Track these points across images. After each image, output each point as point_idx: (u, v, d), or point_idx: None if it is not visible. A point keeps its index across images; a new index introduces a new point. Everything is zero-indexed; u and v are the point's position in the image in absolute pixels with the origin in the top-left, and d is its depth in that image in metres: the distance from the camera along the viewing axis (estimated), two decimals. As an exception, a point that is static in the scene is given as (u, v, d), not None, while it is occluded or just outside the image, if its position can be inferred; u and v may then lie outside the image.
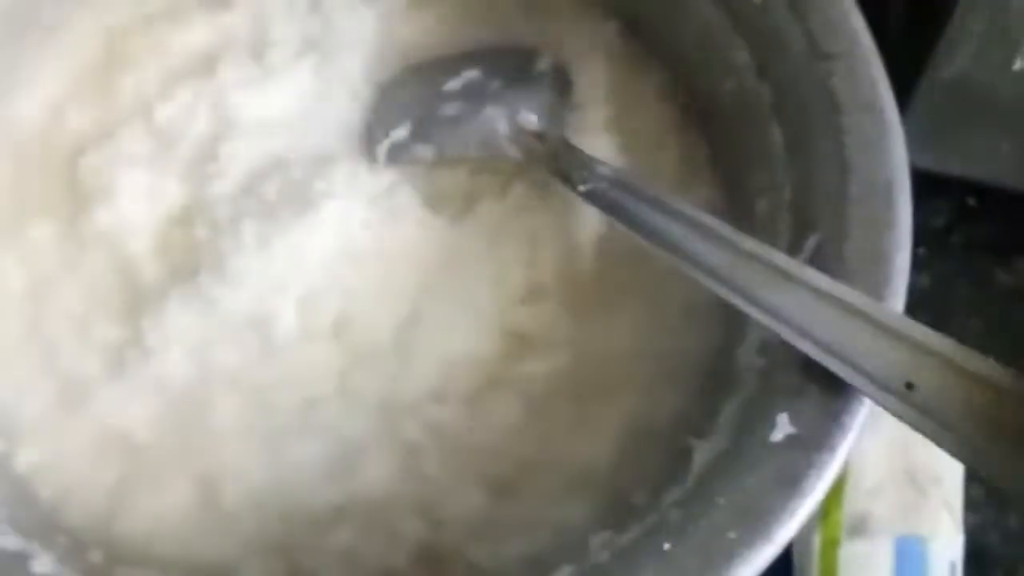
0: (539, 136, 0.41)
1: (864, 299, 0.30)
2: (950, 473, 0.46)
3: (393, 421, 0.37)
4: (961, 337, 0.29)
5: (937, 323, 0.30)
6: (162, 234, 0.41)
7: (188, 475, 0.37)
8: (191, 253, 0.40)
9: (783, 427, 0.30)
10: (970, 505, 0.46)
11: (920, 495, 0.45)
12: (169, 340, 0.38)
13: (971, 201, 0.54)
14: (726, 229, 0.34)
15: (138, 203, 0.41)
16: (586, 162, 0.39)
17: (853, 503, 0.44)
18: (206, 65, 0.43)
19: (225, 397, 0.38)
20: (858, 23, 0.36)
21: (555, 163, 0.40)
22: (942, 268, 0.53)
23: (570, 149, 0.40)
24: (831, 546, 0.43)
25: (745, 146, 0.41)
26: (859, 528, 0.44)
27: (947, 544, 0.43)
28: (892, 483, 0.45)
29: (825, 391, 0.30)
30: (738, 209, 0.41)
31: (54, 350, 0.39)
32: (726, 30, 0.41)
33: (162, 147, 0.42)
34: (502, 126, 0.42)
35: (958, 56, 0.48)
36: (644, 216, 0.36)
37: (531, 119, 0.42)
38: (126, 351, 0.39)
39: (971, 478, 0.46)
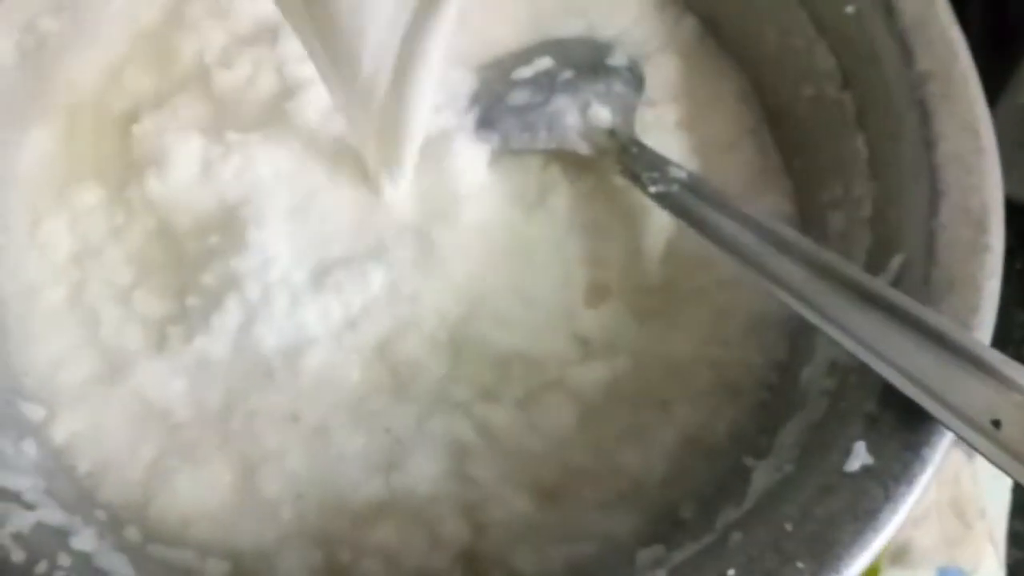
0: (609, 132, 0.40)
1: (952, 326, 0.29)
2: (995, 507, 0.45)
3: (443, 418, 0.36)
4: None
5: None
6: (214, 207, 0.39)
7: (227, 457, 0.36)
8: (237, 229, 0.39)
9: (860, 456, 0.29)
10: (1014, 540, 0.45)
11: (964, 527, 0.44)
12: (211, 322, 0.37)
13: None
14: (804, 241, 0.33)
15: (190, 173, 0.40)
16: (658, 163, 0.38)
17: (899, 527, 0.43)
18: (269, 34, 0.42)
19: (268, 380, 0.37)
20: (956, 37, 0.35)
21: (625, 161, 0.39)
22: (1003, 294, 0.51)
23: (641, 148, 0.39)
24: (872, 574, 0.42)
25: (821, 156, 0.40)
26: (901, 557, 0.42)
27: (989, 578, 0.42)
28: (937, 513, 0.43)
29: (903, 421, 0.29)
30: (809, 221, 0.40)
31: (96, 320, 0.39)
32: (810, 35, 0.40)
33: (219, 114, 0.41)
34: (572, 118, 0.40)
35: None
36: (715, 222, 0.35)
37: (602, 113, 0.40)
38: (168, 327, 0.38)
39: (1016, 513, 0.45)
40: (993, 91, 0.47)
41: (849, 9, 0.37)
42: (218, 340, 0.37)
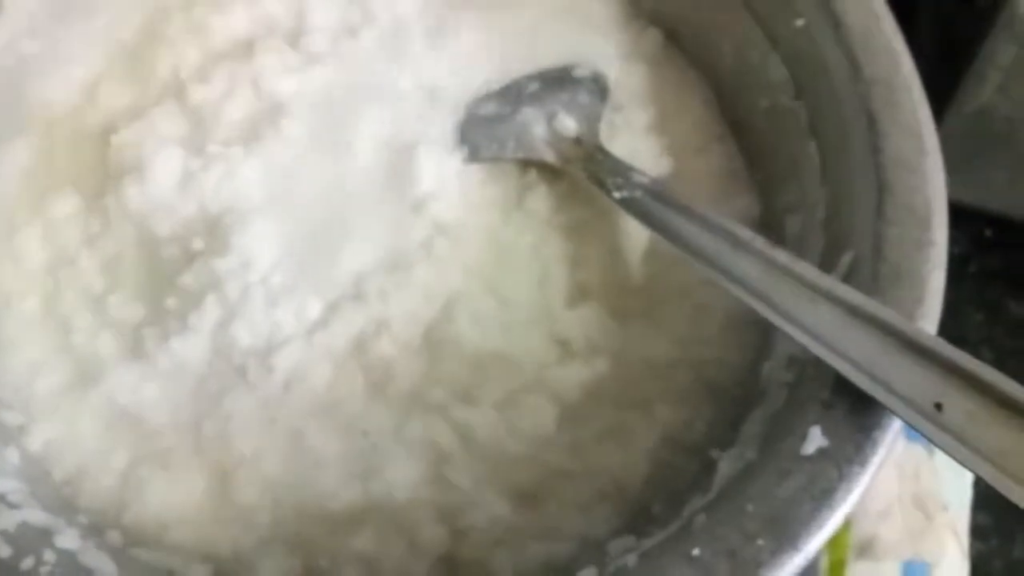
0: (575, 141, 0.42)
1: (896, 317, 0.30)
2: (958, 500, 0.46)
3: (420, 421, 0.37)
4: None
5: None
6: (191, 214, 0.40)
7: (201, 463, 0.37)
8: (219, 235, 0.39)
9: (815, 440, 0.30)
10: (976, 532, 0.46)
11: (927, 520, 0.45)
12: (188, 323, 0.38)
13: (987, 232, 0.55)
14: (759, 241, 0.34)
15: (168, 182, 0.40)
16: (622, 169, 0.39)
17: (861, 526, 0.44)
18: (244, 49, 0.43)
19: (242, 381, 0.37)
20: (900, 48, 0.37)
21: (591, 168, 0.40)
22: (956, 297, 0.53)
23: (606, 155, 0.41)
24: (838, 567, 0.43)
25: (778, 163, 0.42)
26: (866, 551, 0.44)
27: (953, 570, 0.43)
28: (900, 507, 0.45)
29: (856, 406, 0.31)
30: (769, 225, 0.41)
31: (70, 327, 0.39)
32: (763, 48, 0.42)
33: (196, 128, 0.42)
34: (539, 128, 0.42)
35: (984, 89, 0.49)
36: (677, 225, 0.36)
37: (568, 123, 0.42)
38: (144, 331, 0.38)
39: (978, 506, 0.46)
40: (942, 102, 0.50)
41: (799, 23, 0.39)
42: (195, 340, 0.37)
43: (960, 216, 0.51)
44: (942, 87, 0.49)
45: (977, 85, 0.49)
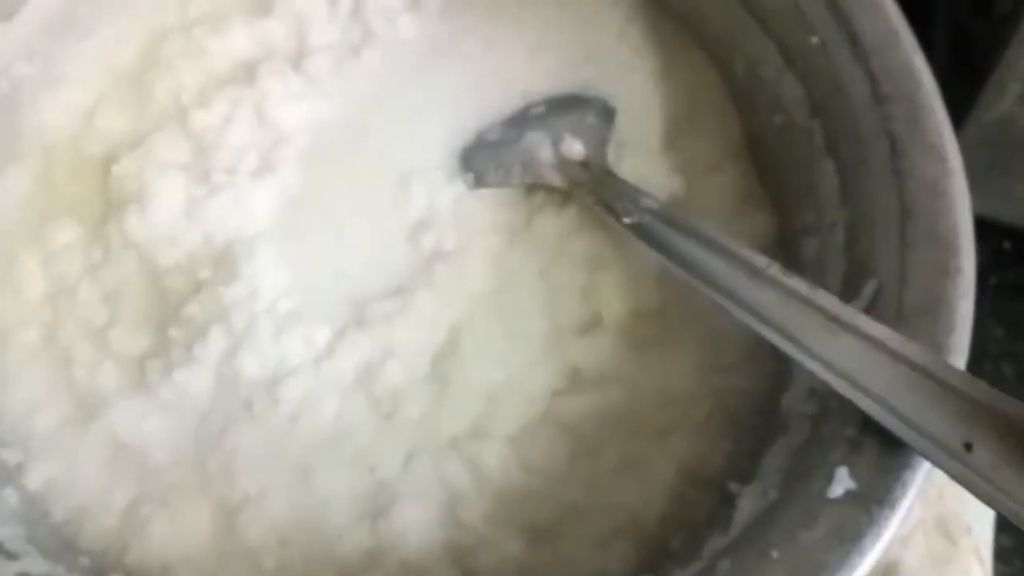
0: (582, 164, 0.40)
1: (924, 352, 0.29)
2: (981, 524, 0.45)
3: (430, 456, 0.36)
4: (994, 381, 0.28)
5: (970, 366, 0.30)
6: (194, 245, 0.39)
7: (206, 501, 0.36)
8: (227, 263, 0.39)
9: (842, 481, 0.29)
10: (1000, 556, 0.45)
11: (951, 545, 0.44)
12: (193, 354, 0.37)
13: (1007, 245, 0.54)
14: (775, 268, 0.33)
15: (171, 211, 0.40)
16: (631, 193, 0.38)
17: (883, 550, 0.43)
18: (246, 72, 0.42)
19: (247, 414, 0.37)
20: (921, 65, 0.35)
21: (599, 192, 0.39)
22: (976, 311, 0.52)
23: (614, 179, 0.39)
24: (859, 596, 0.42)
25: (794, 182, 0.40)
26: None
27: (976, 596, 0.42)
28: (923, 532, 0.44)
29: (884, 444, 0.29)
30: (785, 248, 0.40)
31: (70, 360, 0.38)
32: (777, 65, 0.40)
33: (199, 154, 0.41)
34: (545, 152, 0.41)
35: (1004, 100, 0.48)
36: (689, 251, 0.35)
37: (575, 146, 0.41)
38: (147, 363, 0.37)
39: (1001, 529, 0.45)
40: (959, 114, 0.48)
41: (814, 40, 0.38)
42: (199, 371, 0.37)
43: (979, 229, 0.51)
44: (959, 98, 0.48)
45: (997, 96, 0.47)
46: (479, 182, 0.41)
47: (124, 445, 0.36)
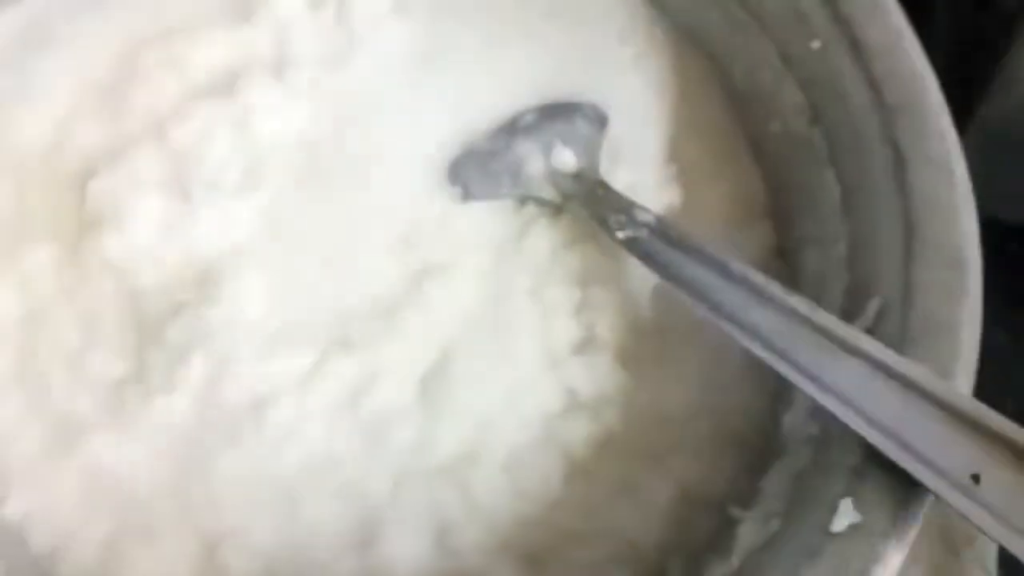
0: (575, 175, 0.39)
1: (929, 377, 0.28)
2: (983, 535, 0.44)
3: (420, 483, 0.34)
4: (999, 389, 0.27)
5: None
6: (174, 265, 0.38)
7: (188, 532, 0.35)
8: (208, 284, 0.38)
9: (846, 514, 0.28)
10: (1004, 566, 0.44)
11: (954, 556, 0.43)
12: (174, 379, 0.36)
13: (1013, 247, 0.53)
14: (775, 287, 0.32)
15: (150, 230, 0.38)
16: (625, 206, 0.37)
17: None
18: (226, 84, 0.41)
19: (232, 440, 0.35)
20: (925, 72, 0.34)
21: (592, 205, 0.38)
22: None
23: (607, 190, 0.38)
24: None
25: (793, 191, 0.39)
26: (890, 590, 0.42)
27: (980, 608, 0.42)
28: (927, 542, 0.43)
29: (889, 474, 0.28)
30: (785, 258, 0.39)
31: (46, 386, 0.37)
32: (776, 69, 0.39)
33: (178, 170, 0.39)
34: (535, 163, 0.39)
35: (1009, 98, 0.46)
36: (685, 269, 0.34)
37: (566, 155, 0.39)
38: (126, 389, 0.36)
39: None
40: (962, 113, 0.47)
41: (815, 44, 0.36)
42: (180, 397, 0.36)
43: (982, 231, 0.50)
44: (961, 98, 0.47)
45: (1002, 94, 0.46)
46: (467, 195, 0.39)
47: (103, 474, 0.35)
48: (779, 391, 0.35)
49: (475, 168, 0.40)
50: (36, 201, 0.40)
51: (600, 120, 0.41)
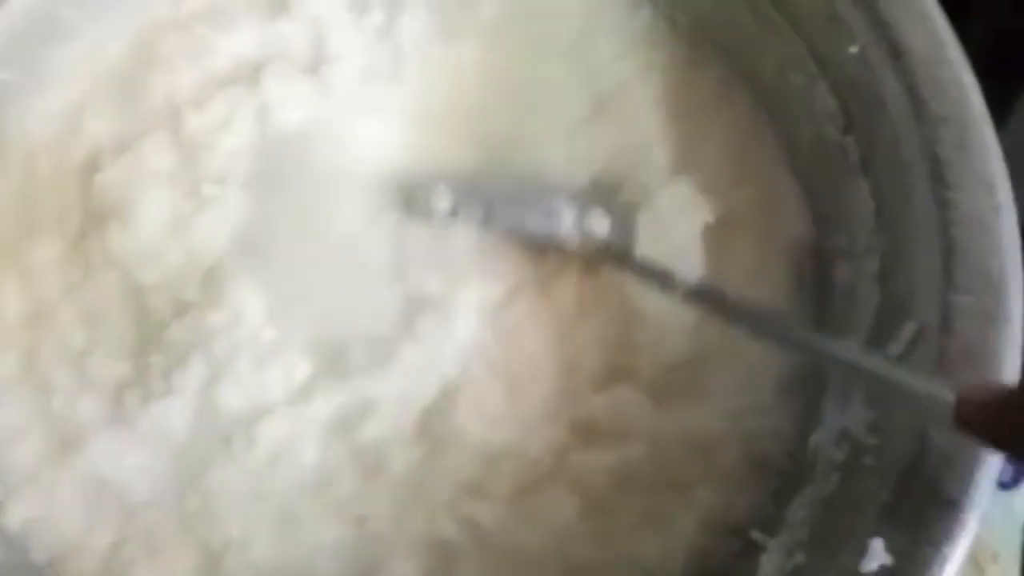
0: (606, 244, 0.37)
1: None
2: (1008, 550, 0.44)
3: (422, 513, 0.33)
4: None
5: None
6: (181, 261, 0.37)
7: (187, 543, 0.34)
8: (212, 284, 0.36)
9: (877, 555, 0.26)
10: (1027, 579, 0.43)
11: (977, 571, 0.43)
12: (173, 382, 0.35)
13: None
14: (815, 338, 0.32)
15: (155, 225, 0.37)
16: (660, 275, 0.35)
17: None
18: (250, 74, 0.39)
19: (226, 451, 0.35)
20: (970, 83, 0.32)
21: (624, 266, 0.36)
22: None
23: (642, 263, 0.36)
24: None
25: (825, 198, 0.37)
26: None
27: (1005, 625, 0.41)
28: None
29: (921, 512, 0.27)
30: (817, 267, 0.37)
31: (49, 388, 0.36)
32: (810, 72, 0.37)
33: (188, 162, 0.38)
34: (567, 217, 0.37)
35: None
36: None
37: (602, 224, 0.37)
38: (126, 392, 0.35)
39: (1028, 555, 0.43)
40: (999, 117, 0.45)
41: (853, 49, 0.35)
42: (178, 402, 0.35)
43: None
44: (999, 100, 0.45)
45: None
46: (488, 222, 0.37)
47: (104, 481, 0.35)
48: (807, 413, 0.34)
49: (503, 200, 0.38)
50: (42, 193, 0.39)
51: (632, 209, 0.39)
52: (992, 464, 0.27)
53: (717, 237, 0.37)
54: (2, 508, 0.35)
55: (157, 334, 0.36)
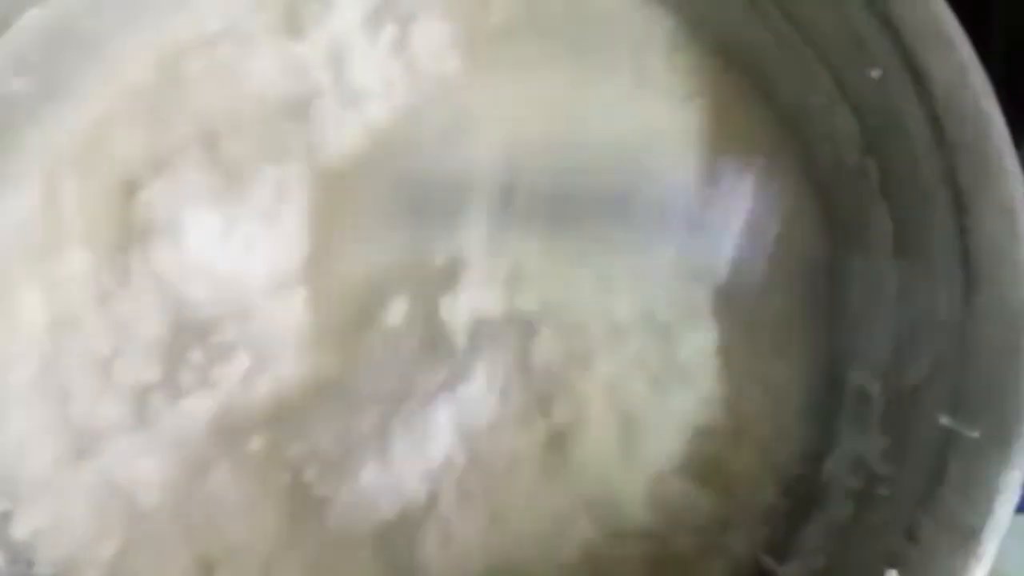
0: None
1: None
2: (1018, 571, 0.44)
3: None
4: None
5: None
6: (224, 278, 0.38)
7: (188, 552, 0.34)
8: (242, 304, 0.37)
9: (894, 588, 0.27)
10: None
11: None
12: (211, 376, 0.36)
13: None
14: None
15: (201, 243, 0.38)
16: None
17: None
18: (286, 99, 0.39)
19: (228, 459, 0.35)
20: (992, 111, 0.32)
21: None
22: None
23: None
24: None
25: (842, 220, 0.37)
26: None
27: (1014, 652, 0.41)
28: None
29: (939, 539, 0.27)
30: (833, 282, 0.37)
31: (67, 396, 0.36)
32: (831, 94, 0.37)
33: (232, 184, 0.38)
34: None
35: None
36: None
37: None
38: (151, 396, 0.36)
39: (1038, 575, 0.43)
40: (1015, 130, 0.45)
41: (874, 74, 0.34)
42: (205, 402, 0.35)
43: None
44: (1015, 113, 0.44)
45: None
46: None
47: (114, 486, 0.35)
48: (823, 437, 0.34)
49: None
50: (69, 207, 0.39)
51: None
52: (1012, 497, 0.27)
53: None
54: (10, 518, 0.35)
55: (187, 345, 0.36)
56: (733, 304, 0.36)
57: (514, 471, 0.34)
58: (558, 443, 0.35)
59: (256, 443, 0.35)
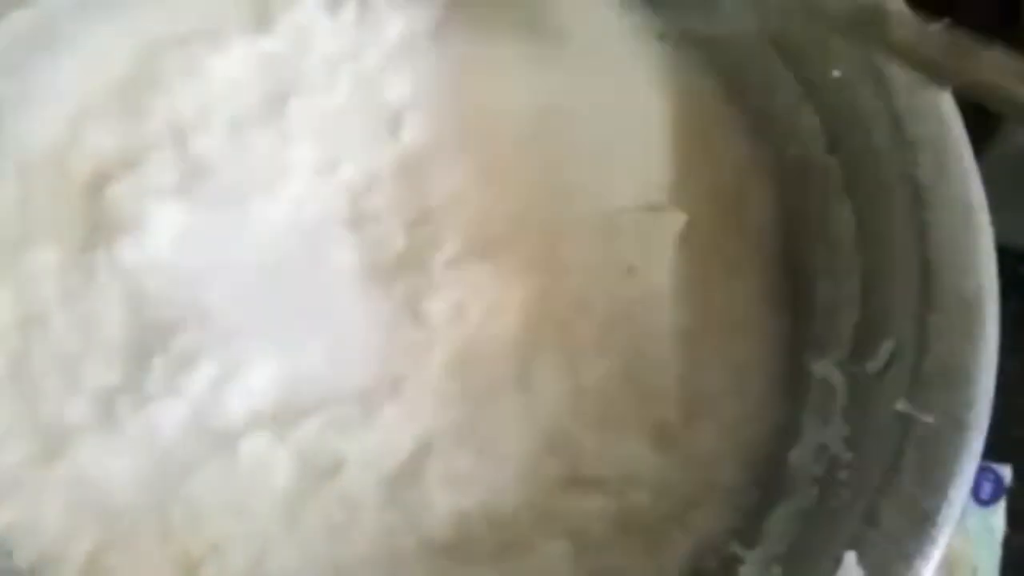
0: None
1: None
2: (987, 563, 0.44)
3: (398, 568, 0.33)
4: (1009, 417, 0.28)
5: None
6: (189, 276, 0.38)
7: (167, 551, 0.34)
8: (210, 301, 0.37)
9: (850, 569, 0.27)
10: (1005, 590, 0.44)
11: (953, 583, 0.43)
12: (168, 391, 0.36)
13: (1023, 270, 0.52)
14: None
15: (166, 240, 0.38)
16: None
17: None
18: (250, 93, 0.40)
19: (210, 463, 0.35)
20: (949, 109, 0.33)
21: None
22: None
23: None
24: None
25: (808, 219, 0.38)
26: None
27: (983, 640, 0.41)
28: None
29: (897, 527, 0.28)
30: (798, 290, 0.38)
31: (37, 393, 0.36)
32: (795, 93, 0.38)
33: (199, 180, 0.39)
34: None
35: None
36: None
37: None
38: (118, 397, 0.36)
39: (1007, 570, 0.44)
40: (981, 137, 0.46)
41: (835, 73, 0.35)
42: (174, 408, 0.35)
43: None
44: (981, 120, 0.46)
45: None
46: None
47: (87, 485, 0.35)
48: (787, 428, 0.35)
49: None
50: (41, 204, 0.39)
51: None
52: (966, 482, 0.28)
53: (693, 249, 0.38)
54: (-15, 511, 0.35)
55: (154, 344, 0.36)
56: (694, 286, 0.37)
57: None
58: (525, 381, 0.36)
59: (244, 445, 0.35)
